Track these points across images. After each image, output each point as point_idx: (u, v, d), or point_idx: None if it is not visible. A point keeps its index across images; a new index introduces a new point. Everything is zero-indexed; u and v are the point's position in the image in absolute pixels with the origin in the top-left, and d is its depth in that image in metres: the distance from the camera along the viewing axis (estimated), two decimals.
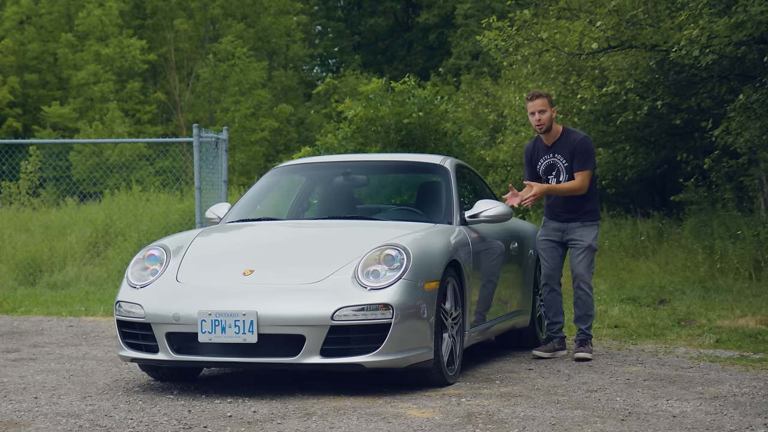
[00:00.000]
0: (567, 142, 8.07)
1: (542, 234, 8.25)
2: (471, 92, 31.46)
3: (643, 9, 13.95)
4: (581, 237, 8.06)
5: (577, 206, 8.11)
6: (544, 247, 8.21)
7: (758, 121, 13.44)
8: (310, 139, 32.58)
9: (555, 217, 8.18)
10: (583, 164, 8.06)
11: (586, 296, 8.02)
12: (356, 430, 5.33)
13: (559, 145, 8.10)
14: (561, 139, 8.10)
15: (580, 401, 6.18)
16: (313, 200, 8.45)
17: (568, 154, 8.05)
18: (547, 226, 8.23)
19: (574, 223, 8.10)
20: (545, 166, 8.15)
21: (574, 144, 8.05)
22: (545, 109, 8.05)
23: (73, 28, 40.65)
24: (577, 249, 8.06)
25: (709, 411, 5.88)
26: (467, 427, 5.40)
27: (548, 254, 8.19)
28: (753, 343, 8.64)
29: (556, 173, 8.12)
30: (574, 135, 8.11)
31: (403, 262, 6.39)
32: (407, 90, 19.05)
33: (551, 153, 8.11)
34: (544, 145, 8.17)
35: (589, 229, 8.09)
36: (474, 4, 40.82)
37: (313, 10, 48.34)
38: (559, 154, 8.09)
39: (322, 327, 6.15)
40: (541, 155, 8.18)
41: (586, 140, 8.11)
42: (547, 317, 8.25)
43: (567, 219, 8.12)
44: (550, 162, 8.13)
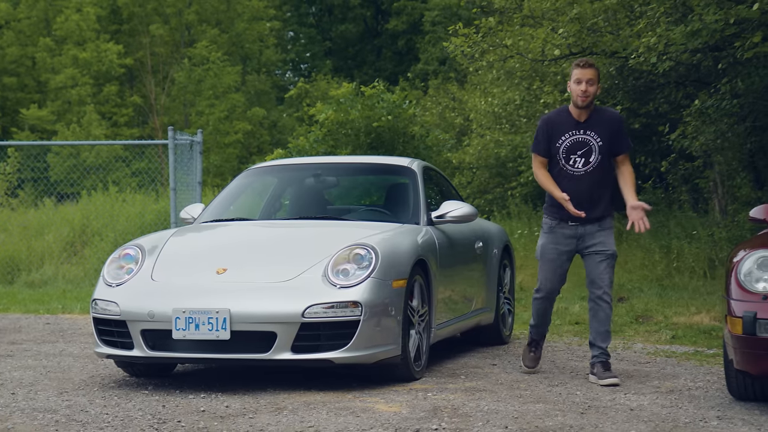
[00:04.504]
0: (603, 119, 6.84)
1: (550, 241, 6.90)
2: (438, 97, 31.50)
3: (603, 17, 14.01)
4: (604, 244, 6.83)
5: (598, 204, 6.83)
6: (551, 257, 6.90)
7: (713, 125, 13.54)
8: (283, 142, 32.51)
9: (567, 220, 6.84)
10: (627, 144, 6.91)
11: (609, 309, 6.85)
12: (326, 424, 5.33)
13: (594, 122, 6.82)
14: (595, 115, 6.85)
15: (541, 395, 6.20)
16: (284, 201, 8.43)
17: (606, 131, 6.80)
18: (556, 232, 6.88)
19: (592, 227, 6.83)
20: (571, 143, 6.81)
21: (612, 120, 6.85)
22: (595, 81, 6.78)
23: (51, 33, 40.36)
24: (599, 256, 6.83)
25: (665, 404, 5.92)
26: (433, 420, 5.41)
27: (555, 267, 6.92)
28: (707, 338, 8.70)
29: (584, 153, 6.80)
30: (610, 111, 6.95)
31: (371, 261, 6.40)
32: (377, 94, 19.03)
33: (582, 129, 6.81)
34: (573, 120, 6.83)
35: (610, 233, 6.89)
36: (441, 11, 40.87)
37: (285, 17, 48.21)
38: (593, 131, 6.80)
39: (293, 324, 6.16)
40: (566, 130, 6.83)
41: (623, 118, 7.03)
42: (534, 326, 7.15)
43: (584, 221, 6.82)
44: (579, 139, 6.80)
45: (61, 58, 39.17)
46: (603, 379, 6.62)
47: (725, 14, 10.66)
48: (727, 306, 5.75)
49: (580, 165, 6.80)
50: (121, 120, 39.55)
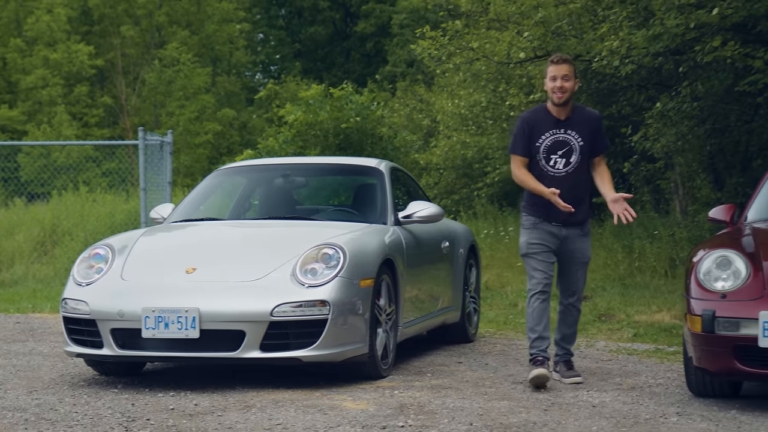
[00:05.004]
0: (584, 118, 6.62)
1: (534, 238, 6.59)
2: (406, 98, 31.51)
3: (567, 21, 14.07)
4: (583, 252, 6.67)
5: (580, 206, 6.59)
6: (537, 251, 6.57)
7: (674, 127, 13.62)
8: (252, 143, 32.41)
9: (551, 219, 6.57)
10: (605, 143, 6.72)
11: (578, 314, 6.82)
12: (294, 422, 5.33)
13: (574, 120, 6.59)
14: (576, 114, 6.61)
15: (506, 393, 6.22)
16: (254, 201, 8.41)
17: (586, 131, 6.57)
18: (539, 228, 6.59)
19: (575, 230, 6.61)
20: (551, 142, 6.55)
21: (592, 120, 6.63)
22: (570, 76, 6.53)
23: (22, 34, 40.05)
24: (577, 264, 6.68)
25: (626, 401, 5.96)
26: (399, 417, 5.42)
27: (545, 260, 6.58)
28: (668, 336, 8.75)
29: (565, 152, 6.55)
30: (590, 111, 6.75)
31: (339, 261, 6.41)
32: (345, 96, 19.01)
33: (562, 128, 6.56)
34: (553, 118, 6.58)
35: (589, 239, 6.74)
36: (409, 14, 40.90)
37: (255, 19, 48.07)
38: (574, 131, 6.56)
39: (261, 323, 6.16)
40: (546, 129, 6.57)
41: (602, 118, 6.81)
42: (534, 331, 6.53)
43: (567, 223, 6.57)
44: (559, 138, 6.54)
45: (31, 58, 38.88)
46: (567, 378, 6.58)
47: (686, 19, 10.73)
48: (686, 304, 5.80)
49: (561, 165, 6.55)
50: (91, 120, 39.31)
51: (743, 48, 10.79)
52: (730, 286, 5.64)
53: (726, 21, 10.67)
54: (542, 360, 6.47)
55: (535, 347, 6.52)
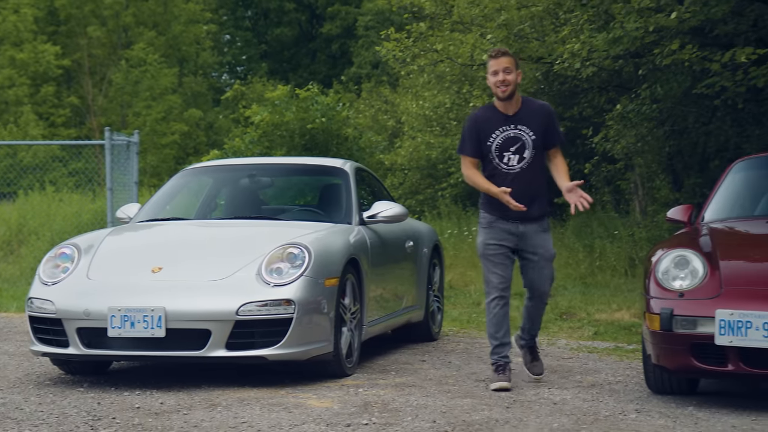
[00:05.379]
0: (533, 111, 6.37)
1: (490, 238, 6.38)
2: (371, 100, 31.53)
3: (529, 24, 14.15)
4: (545, 248, 6.41)
5: (536, 201, 6.36)
6: (495, 253, 6.35)
7: (633, 129, 13.73)
8: (219, 143, 32.29)
9: (507, 217, 6.34)
10: (559, 136, 6.49)
11: (544, 309, 6.66)
12: (259, 420, 5.31)
13: (524, 115, 6.34)
14: (525, 108, 6.37)
15: (469, 390, 6.24)
16: (220, 201, 8.38)
17: (538, 124, 6.34)
18: (495, 227, 6.38)
19: (532, 226, 6.37)
20: (503, 140, 6.31)
21: (543, 112, 6.39)
22: (512, 69, 6.29)
23: None
24: (541, 261, 6.41)
25: (586, 398, 5.99)
26: (364, 415, 5.42)
27: (502, 262, 6.37)
28: (627, 334, 8.81)
29: (518, 149, 6.31)
30: (539, 103, 6.50)
31: (304, 260, 6.40)
32: (311, 97, 18.98)
33: (512, 124, 6.32)
34: (502, 115, 6.35)
35: (549, 234, 6.49)
36: (374, 16, 40.91)
37: (221, 20, 47.89)
38: (524, 126, 6.32)
39: (227, 322, 6.14)
40: (496, 126, 6.33)
41: (553, 110, 6.55)
42: (495, 338, 6.39)
43: (524, 219, 6.35)
44: (510, 135, 6.31)
45: None
46: (529, 372, 6.57)
47: (645, 22, 10.81)
48: (645, 303, 5.84)
49: (515, 162, 6.32)
50: (58, 120, 38.99)
51: (701, 51, 10.89)
52: (688, 285, 5.68)
53: (684, 25, 10.76)
54: (504, 366, 6.36)
55: (496, 353, 6.39)
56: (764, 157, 7.71)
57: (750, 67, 10.81)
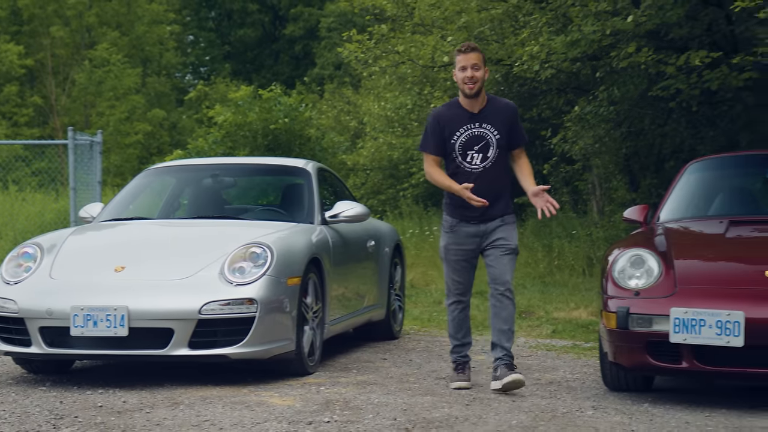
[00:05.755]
0: (498, 110, 6.19)
1: (452, 242, 6.24)
2: (333, 100, 31.50)
3: (489, 26, 14.19)
4: (507, 239, 6.19)
5: (498, 201, 6.20)
6: (456, 259, 6.25)
7: (591, 130, 13.81)
8: (182, 143, 32.13)
9: (468, 218, 6.20)
10: (524, 136, 6.34)
11: (513, 307, 6.20)
12: (221, 418, 5.29)
13: (489, 113, 6.16)
14: (490, 106, 6.19)
15: (429, 388, 6.25)
16: (183, 201, 8.34)
17: (502, 123, 6.16)
18: (457, 232, 6.22)
19: (494, 223, 6.20)
20: (467, 138, 6.15)
21: (507, 111, 6.21)
22: (480, 65, 6.12)
23: None
24: (501, 249, 6.18)
25: (544, 395, 6.02)
26: (325, 413, 5.42)
27: (462, 268, 6.26)
28: (585, 332, 8.86)
29: (481, 148, 6.15)
30: (504, 101, 6.30)
31: (267, 260, 6.38)
32: (274, 97, 18.92)
33: (477, 122, 6.15)
34: (467, 112, 6.16)
35: (513, 228, 6.28)
36: (337, 18, 40.88)
37: (185, 21, 47.65)
38: (489, 124, 6.14)
39: (190, 321, 6.11)
40: (460, 124, 6.16)
41: (517, 109, 6.39)
42: (455, 338, 6.38)
43: (486, 219, 6.19)
44: (475, 133, 6.14)
45: None
46: (506, 377, 5.99)
47: (602, 26, 10.89)
48: (602, 302, 5.88)
49: (478, 161, 6.16)
50: (21, 120, 38.62)
51: (656, 54, 10.97)
52: (643, 284, 5.73)
53: (640, 28, 10.84)
54: (463, 365, 6.35)
55: (456, 353, 6.40)
56: (718, 159, 7.80)
57: (704, 71, 10.91)
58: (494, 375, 6.12)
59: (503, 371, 6.05)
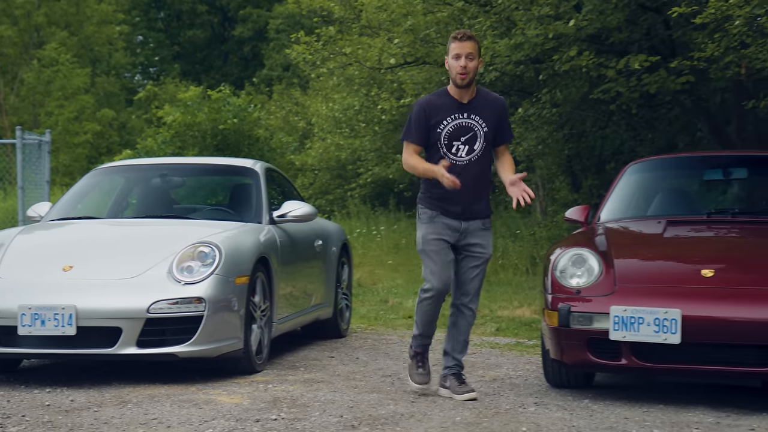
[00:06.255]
0: (488, 102, 5.85)
1: (431, 231, 5.81)
2: (282, 101, 31.42)
3: (435, 29, 14.23)
4: (484, 247, 5.87)
5: (481, 198, 5.88)
6: (436, 249, 5.79)
7: (534, 132, 13.92)
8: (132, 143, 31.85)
9: (449, 213, 5.82)
10: (511, 133, 6.04)
11: (472, 318, 5.98)
12: (169, 416, 5.26)
13: (478, 104, 5.82)
14: (480, 98, 5.85)
15: (375, 385, 6.25)
16: (131, 200, 8.27)
17: (492, 116, 5.82)
18: (437, 222, 5.81)
19: (475, 223, 5.84)
20: (453, 128, 5.77)
21: (498, 105, 5.88)
22: (475, 55, 5.75)
23: None
24: (475, 259, 5.87)
25: (488, 392, 6.05)
26: (273, 411, 5.40)
27: (442, 258, 5.80)
28: (528, 330, 8.92)
29: (468, 139, 5.78)
30: (494, 95, 5.98)
31: (215, 259, 6.35)
32: (223, 98, 18.82)
33: (465, 113, 5.79)
34: (456, 102, 5.80)
35: (490, 234, 5.96)
36: (285, 20, 40.76)
37: (134, 21, 47.23)
38: (478, 116, 5.79)
39: (138, 319, 6.06)
40: (448, 113, 5.79)
41: (507, 105, 6.08)
42: (420, 329, 5.97)
43: (467, 216, 5.82)
44: (462, 124, 5.77)
45: None
46: (460, 394, 5.80)
47: (545, 29, 10.97)
48: (544, 300, 5.92)
49: (464, 153, 5.78)
50: None
51: (597, 58, 11.08)
52: (584, 282, 5.77)
53: (582, 32, 10.94)
54: (421, 354, 5.99)
55: (417, 343, 6.01)
56: (656, 160, 7.89)
57: (643, 74, 11.04)
58: (442, 383, 5.93)
59: (453, 383, 5.88)
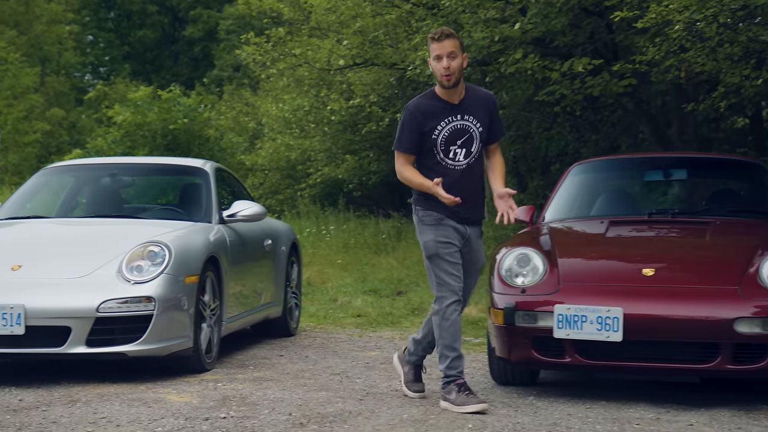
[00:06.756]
0: (480, 100, 5.51)
1: (442, 236, 5.44)
2: (232, 102, 31.25)
3: (383, 31, 14.24)
4: (479, 252, 5.63)
5: (481, 201, 5.60)
6: (449, 251, 5.43)
7: None
8: (81, 142, 31.51)
9: (454, 216, 5.49)
10: (502, 129, 5.72)
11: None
12: (118, 415, 5.21)
13: (470, 104, 5.48)
14: (470, 96, 5.50)
15: (324, 384, 6.25)
16: (81, 199, 8.18)
17: (485, 115, 5.50)
18: (445, 226, 5.46)
19: (474, 228, 5.56)
20: (449, 132, 5.42)
21: (488, 102, 5.54)
22: (457, 53, 5.39)
23: None
24: (473, 268, 5.63)
25: (434, 390, 6.04)
26: (222, 409, 5.37)
27: (457, 261, 5.47)
28: (474, 329, 8.96)
29: (464, 142, 5.45)
30: (483, 91, 5.62)
31: (165, 258, 6.31)
32: (173, 98, 18.71)
33: (458, 114, 5.45)
34: (446, 104, 5.45)
35: (481, 240, 5.73)
36: (235, 21, 40.54)
37: (84, 21, 46.73)
38: (472, 116, 5.46)
39: (87, 319, 6.01)
40: (441, 117, 5.43)
41: (496, 99, 5.74)
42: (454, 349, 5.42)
43: (467, 219, 5.53)
44: (457, 126, 5.43)
45: None
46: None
47: (491, 32, 11.02)
48: (490, 299, 5.95)
49: (462, 157, 5.45)
50: None
51: (542, 61, 11.16)
52: (529, 281, 5.81)
53: (527, 35, 11.01)
54: (464, 382, 5.42)
55: (453, 368, 5.41)
56: (600, 161, 7.97)
57: (587, 77, 11.14)
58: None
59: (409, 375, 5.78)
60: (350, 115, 18.02)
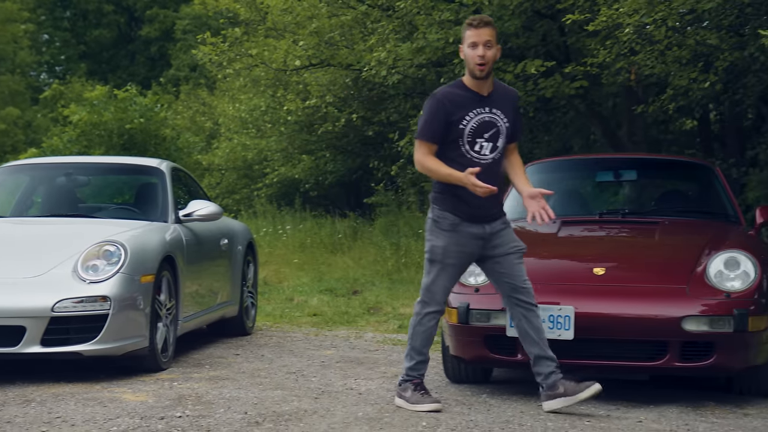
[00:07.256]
0: (507, 95, 5.30)
1: (455, 243, 5.23)
2: (189, 101, 31.07)
3: (339, 32, 14.25)
4: (515, 240, 5.34)
5: (499, 197, 5.34)
6: (454, 262, 5.27)
7: None
8: (37, 142, 31.16)
9: (475, 218, 5.24)
10: (521, 129, 5.58)
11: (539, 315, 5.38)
12: (73, 415, 5.16)
13: (498, 98, 5.24)
14: (497, 91, 5.27)
15: (280, 382, 6.23)
16: (36, 199, 8.10)
17: (511, 111, 5.28)
18: (461, 232, 5.23)
19: (497, 224, 5.30)
20: (477, 124, 5.17)
21: (514, 99, 5.36)
22: (493, 43, 5.17)
23: None
24: (515, 255, 5.32)
25: (390, 388, 6.07)
26: (177, 408, 5.34)
27: (456, 274, 5.36)
28: None
29: (492, 136, 5.21)
30: (509, 87, 5.45)
31: (120, 257, 6.26)
32: (130, 98, 18.57)
33: (487, 106, 5.19)
34: (476, 95, 5.19)
35: (512, 229, 5.47)
36: (192, 20, 40.31)
37: (40, 20, 46.22)
38: (499, 110, 5.22)
39: (42, 318, 5.94)
40: (470, 108, 5.17)
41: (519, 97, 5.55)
42: (421, 353, 5.45)
43: (490, 218, 5.29)
44: (485, 119, 5.18)
45: None
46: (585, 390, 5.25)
47: (446, 34, 11.07)
48: None
49: (488, 151, 5.21)
50: None
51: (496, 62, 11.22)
52: (483, 280, 5.82)
53: None
54: (422, 383, 5.44)
55: (416, 370, 5.43)
56: (552, 162, 8.02)
57: (539, 79, 11.21)
58: (555, 392, 5.28)
59: (569, 384, 5.29)
60: (306, 115, 17.99)
